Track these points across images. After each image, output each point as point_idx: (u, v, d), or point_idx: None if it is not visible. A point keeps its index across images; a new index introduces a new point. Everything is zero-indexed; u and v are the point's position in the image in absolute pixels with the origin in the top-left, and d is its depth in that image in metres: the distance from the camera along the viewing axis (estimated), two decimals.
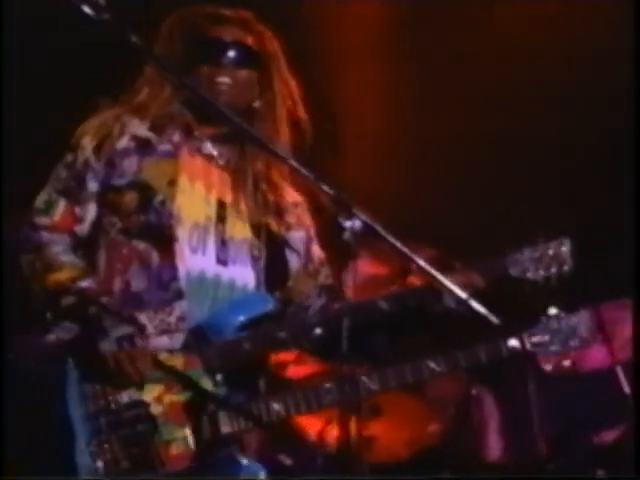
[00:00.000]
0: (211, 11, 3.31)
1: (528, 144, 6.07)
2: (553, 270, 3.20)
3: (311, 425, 4.28)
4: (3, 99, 5.43)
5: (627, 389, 4.20)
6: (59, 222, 3.13)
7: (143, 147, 3.21)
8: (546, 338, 3.18)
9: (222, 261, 3.19)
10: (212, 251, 3.16)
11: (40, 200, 3.15)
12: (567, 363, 3.35)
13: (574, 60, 6.14)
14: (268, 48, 3.29)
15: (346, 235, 2.68)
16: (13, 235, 3.34)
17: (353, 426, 3.98)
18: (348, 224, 2.68)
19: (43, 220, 3.14)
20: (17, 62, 5.49)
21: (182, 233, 3.11)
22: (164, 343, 3.02)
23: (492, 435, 4.61)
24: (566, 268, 3.19)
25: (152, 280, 3.06)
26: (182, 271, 3.07)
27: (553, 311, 3.18)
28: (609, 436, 4.29)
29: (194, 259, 3.12)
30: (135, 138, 3.20)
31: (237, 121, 2.82)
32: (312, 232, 3.42)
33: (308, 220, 3.42)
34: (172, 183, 3.14)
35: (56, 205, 3.13)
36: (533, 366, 3.41)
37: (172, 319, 3.02)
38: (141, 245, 3.10)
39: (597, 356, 4.33)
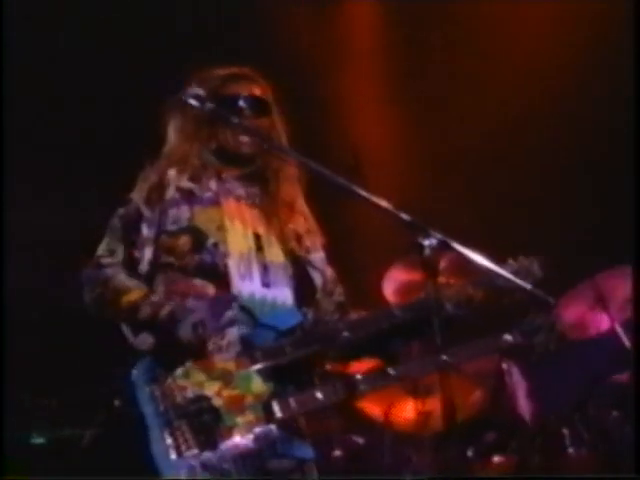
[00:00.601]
0: (223, 72, 3.73)
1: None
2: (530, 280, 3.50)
3: (375, 409, 4.90)
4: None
5: (628, 344, 4.67)
6: (121, 263, 3.54)
7: (189, 197, 3.62)
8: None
9: (266, 284, 3.60)
10: (257, 276, 3.59)
11: (101, 248, 3.57)
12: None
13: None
14: (268, 95, 3.70)
15: (426, 252, 3.12)
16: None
17: (412, 405, 4.85)
18: (427, 242, 3.12)
19: (106, 260, 3.55)
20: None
21: (232, 265, 3.51)
22: (217, 359, 3.39)
23: (522, 399, 5.07)
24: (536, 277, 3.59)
25: (208, 311, 3.45)
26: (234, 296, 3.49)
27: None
28: (618, 380, 4.78)
29: (244, 285, 3.52)
30: (179, 189, 3.64)
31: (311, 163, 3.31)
32: (322, 253, 3.83)
33: (318, 242, 3.83)
34: (221, 228, 3.57)
35: (117, 250, 3.54)
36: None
37: (224, 343, 3.38)
38: (198, 281, 3.50)
39: (599, 321, 4.90)
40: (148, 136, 3.80)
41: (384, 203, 3.21)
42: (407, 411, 4.96)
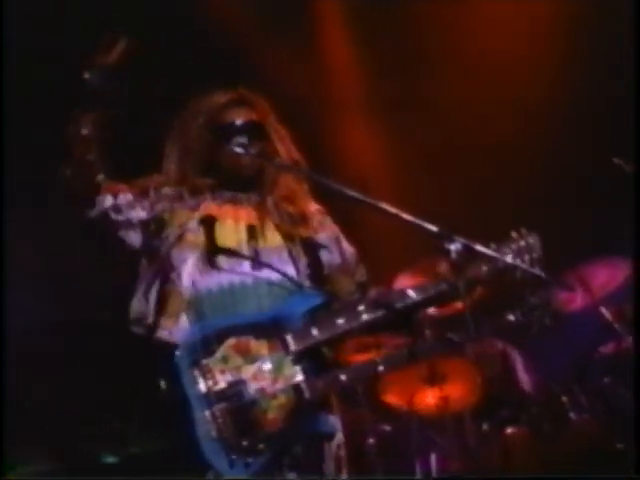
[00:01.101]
0: (221, 99, 3.81)
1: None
2: (528, 258, 3.66)
3: (399, 399, 5.41)
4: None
5: (609, 317, 5.17)
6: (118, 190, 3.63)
7: (174, 199, 3.71)
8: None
9: (257, 267, 3.68)
10: (247, 263, 3.65)
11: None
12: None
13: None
14: (265, 114, 3.76)
15: (452, 255, 3.35)
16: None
17: (431, 393, 5.45)
18: (452, 247, 3.36)
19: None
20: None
21: (222, 259, 3.61)
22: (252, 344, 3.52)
23: (522, 375, 5.65)
24: (536, 256, 3.67)
25: None
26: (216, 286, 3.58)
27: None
28: (604, 350, 5.34)
29: (233, 275, 3.63)
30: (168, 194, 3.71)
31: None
32: (338, 232, 3.86)
33: (330, 223, 3.87)
34: (178, 224, 3.64)
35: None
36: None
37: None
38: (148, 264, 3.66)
39: (578, 301, 5.30)
40: (149, 154, 3.89)
41: (407, 215, 3.36)
42: (427, 398, 5.41)
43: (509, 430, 5.27)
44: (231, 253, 3.66)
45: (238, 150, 3.63)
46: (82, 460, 5.69)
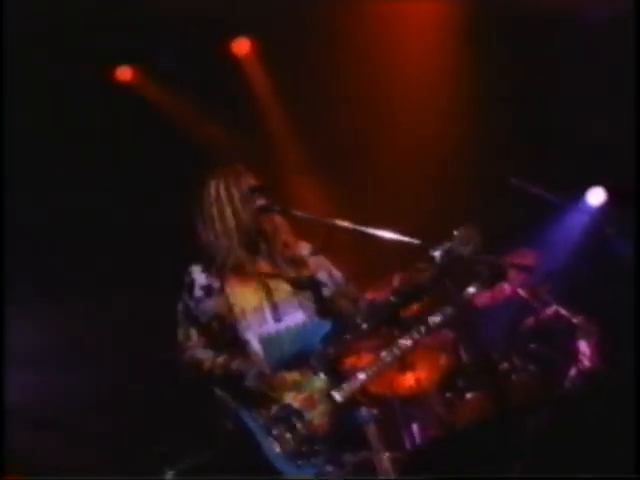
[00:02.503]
0: (235, 169, 4.47)
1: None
2: (471, 247, 4.12)
3: (381, 387, 6.22)
4: None
5: (526, 295, 6.11)
6: (196, 343, 4.45)
7: (207, 292, 4.42)
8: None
9: (277, 319, 4.34)
10: (270, 316, 4.33)
11: (180, 335, 4.47)
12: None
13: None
14: (260, 181, 4.45)
15: (437, 260, 3.96)
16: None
17: (405, 378, 6.33)
18: (436, 253, 3.99)
19: (186, 344, 4.45)
20: None
21: (251, 322, 4.32)
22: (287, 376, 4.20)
23: (468, 353, 6.40)
24: (478, 241, 4.12)
25: (249, 360, 4.31)
26: (256, 342, 4.29)
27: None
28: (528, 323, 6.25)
29: (261, 329, 4.32)
30: (201, 287, 4.45)
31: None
32: (327, 263, 4.46)
33: (321, 259, 4.47)
34: (230, 310, 4.36)
35: (190, 335, 4.45)
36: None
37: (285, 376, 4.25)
38: (232, 349, 4.36)
39: (503, 289, 6.27)
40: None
41: (391, 234, 4.05)
42: (403, 382, 6.37)
43: (468, 396, 6.20)
44: (260, 311, 4.33)
45: (274, 208, 4.33)
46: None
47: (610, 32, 6.83)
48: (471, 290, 4.21)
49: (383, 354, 4.26)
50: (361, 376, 4.22)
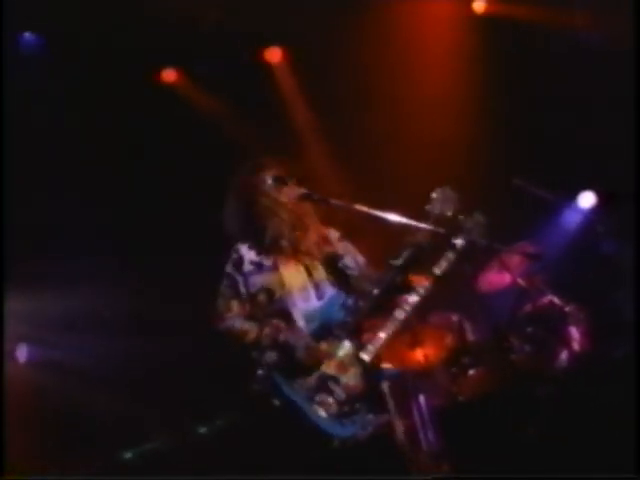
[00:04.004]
0: (262, 162, 4.80)
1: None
2: (450, 204, 4.49)
3: (393, 361, 5.96)
4: None
5: (525, 284, 6.61)
6: (236, 312, 4.71)
7: (258, 267, 4.71)
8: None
9: (319, 298, 4.71)
10: (313, 295, 4.68)
11: (220, 306, 4.74)
12: None
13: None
14: (285, 171, 4.76)
15: (458, 247, 4.42)
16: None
17: (415, 354, 6.89)
18: (458, 241, 4.46)
19: (227, 314, 4.71)
20: None
21: (297, 298, 4.66)
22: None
23: (472, 334, 6.97)
24: (455, 198, 4.50)
25: (295, 331, 4.61)
26: (300, 316, 4.60)
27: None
28: (526, 309, 6.71)
29: (306, 305, 4.67)
30: (252, 262, 4.75)
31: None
32: (353, 249, 4.80)
33: (347, 244, 4.80)
34: (282, 285, 4.71)
35: (232, 306, 4.73)
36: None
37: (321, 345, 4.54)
38: (275, 321, 4.67)
39: (504, 279, 6.89)
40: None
41: (402, 218, 4.43)
42: (414, 357, 6.85)
43: (470, 372, 6.72)
44: (305, 290, 4.68)
45: (314, 197, 4.67)
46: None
47: (610, 48, 7.26)
48: (459, 241, 4.52)
49: (396, 312, 4.60)
50: (382, 334, 4.57)
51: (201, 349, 6.16)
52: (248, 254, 4.80)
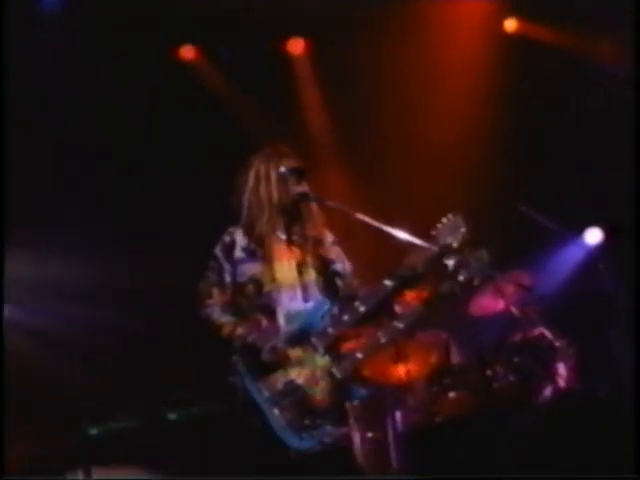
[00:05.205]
0: (275, 151, 4.64)
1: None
2: (459, 234, 4.36)
3: (374, 372, 6.52)
4: None
5: (517, 313, 6.45)
6: (216, 300, 4.58)
7: (250, 256, 4.55)
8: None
9: (306, 299, 4.56)
10: (300, 296, 4.52)
11: (202, 290, 4.61)
12: None
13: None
14: (303, 164, 4.62)
15: (449, 267, 4.26)
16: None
17: (398, 368, 6.78)
18: (450, 262, 4.28)
19: (208, 301, 4.59)
20: None
21: (283, 295, 4.50)
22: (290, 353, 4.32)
23: (458, 356, 6.90)
24: (463, 230, 4.36)
25: (266, 332, 4.49)
26: (282, 315, 4.46)
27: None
28: (514, 338, 6.61)
29: (291, 304, 4.52)
30: (244, 249, 4.57)
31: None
32: (342, 254, 4.66)
33: (340, 251, 4.67)
34: (273, 279, 4.55)
35: (212, 291, 4.60)
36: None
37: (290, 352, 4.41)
38: (258, 315, 4.54)
39: (497, 304, 6.82)
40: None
41: (406, 235, 4.27)
42: (396, 372, 6.78)
43: (451, 394, 6.54)
44: (292, 288, 4.53)
45: (311, 197, 4.51)
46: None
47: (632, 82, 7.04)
48: (460, 278, 4.41)
49: (379, 334, 4.50)
50: (359, 355, 4.46)
51: (186, 332, 5.91)
52: (241, 240, 4.66)
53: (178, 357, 7.10)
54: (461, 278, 4.39)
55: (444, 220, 4.42)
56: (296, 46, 7.97)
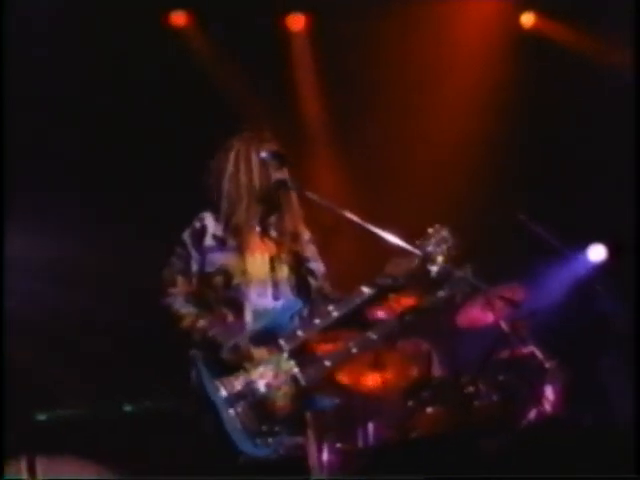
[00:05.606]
0: (256, 135, 4.44)
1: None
2: (444, 247, 4.23)
3: (346, 379, 6.43)
4: None
5: (507, 328, 6.13)
6: (179, 289, 4.37)
7: (221, 245, 4.34)
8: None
9: (276, 297, 4.37)
10: (270, 293, 4.34)
11: (165, 275, 4.39)
12: None
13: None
14: (283, 150, 4.44)
15: (432, 274, 4.12)
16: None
17: (374, 376, 6.51)
18: (433, 268, 4.12)
19: (171, 290, 4.38)
20: None
21: (253, 290, 4.32)
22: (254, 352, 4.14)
23: (439, 369, 6.66)
24: (450, 244, 4.24)
25: (229, 328, 4.28)
26: (250, 312, 4.27)
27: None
28: (502, 355, 6.36)
29: (259, 301, 4.33)
30: (215, 237, 4.37)
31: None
32: (317, 254, 4.48)
33: (315, 250, 4.49)
34: (244, 272, 4.34)
35: (177, 281, 4.39)
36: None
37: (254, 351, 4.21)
38: (224, 309, 4.35)
39: (486, 317, 6.54)
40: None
41: (394, 238, 4.12)
42: (371, 380, 6.53)
43: (429, 409, 6.25)
44: (263, 283, 4.35)
45: (290, 186, 4.31)
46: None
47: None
48: (441, 294, 4.35)
49: (350, 344, 4.34)
50: (327, 363, 4.29)
51: (151, 322, 5.37)
52: (213, 227, 4.43)
53: (142, 346, 6.90)
54: (441, 294, 4.33)
55: (430, 230, 4.31)
56: (296, 22, 7.63)
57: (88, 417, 6.57)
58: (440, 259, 4.21)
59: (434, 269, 4.14)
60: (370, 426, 6.53)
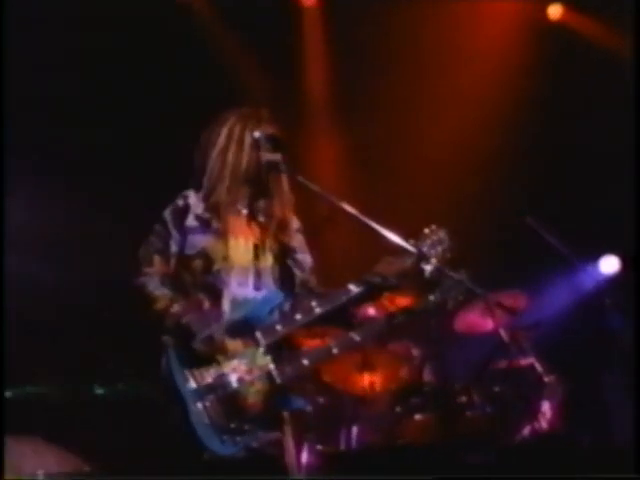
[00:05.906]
0: (254, 114, 4.25)
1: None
2: (440, 249, 4.09)
3: (335, 378, 6.26)
4: None
5: (506, 337, 5.90)
6: (156, 270, 4.16)
7: (204, 226, 4.15)
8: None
9: (257, 288, 4.18)
10: (251, 282, 4.15)
11: (141, 255, 4.19)
12: None
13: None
14: (281, 133, 4.25)
15: (427, 273, 3.96)
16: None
17: (362, 377, 6.32)
18: (427, 267, 3.96)
19: (146, 269, 4.16)
20: None
21: (233, 278, 4.11)
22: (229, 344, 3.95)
23: (430, 376, 6.50)
24: (446, 246, 4.10)
25: (205, 316, 4.07)
26: (228, 300, 4.08)
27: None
28: (499, 365, 6.22)
29: (239, 290, 4.14)
30: (198, 217, 4.18)
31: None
32: (305, 245, 4.31)
33: (303, 241, 4.32)
34: (225, 258, 4.13)
35: (153, 261, 4.18)
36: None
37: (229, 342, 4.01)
38: (201, 295, 4.14)
39: (485, 324, 6.41)
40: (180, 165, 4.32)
41: (390, 234, 3.95)
42: (359, 381, 6.32)
43: (417, 416, 6.14)
44: (244, 271, 4.17)
45: (280, 168, 4.12)
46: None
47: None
48: (431, 298, 4.18)
49: (332, 344, 4.17)
50: (305, 361, 4.11)
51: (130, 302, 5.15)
52: (197, 206, 4.23)
53: (117, 328, 6.59)
54: (432, 298, 4.18)
55: (426, 230, 4.15)
56: None
57: (57, 397, 6.35)
58: (434, 261, 4.07)
59: (428, 268, 3.99)
60: (354, 429, 6.31)
